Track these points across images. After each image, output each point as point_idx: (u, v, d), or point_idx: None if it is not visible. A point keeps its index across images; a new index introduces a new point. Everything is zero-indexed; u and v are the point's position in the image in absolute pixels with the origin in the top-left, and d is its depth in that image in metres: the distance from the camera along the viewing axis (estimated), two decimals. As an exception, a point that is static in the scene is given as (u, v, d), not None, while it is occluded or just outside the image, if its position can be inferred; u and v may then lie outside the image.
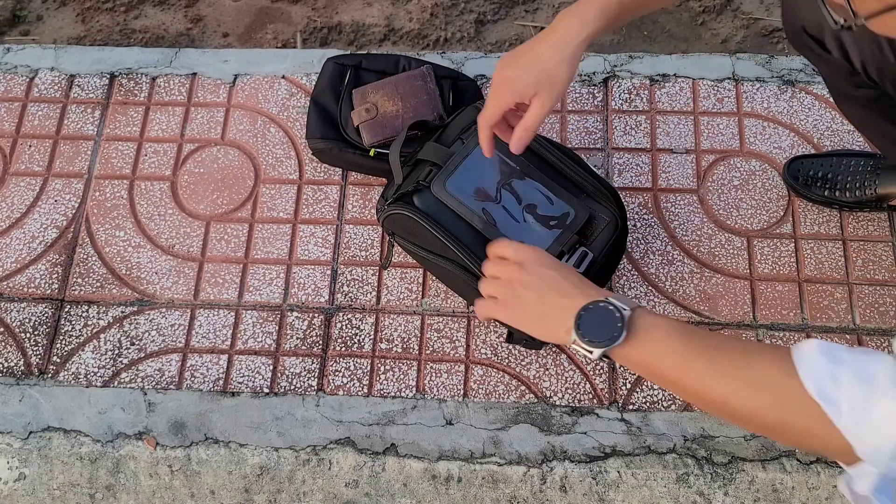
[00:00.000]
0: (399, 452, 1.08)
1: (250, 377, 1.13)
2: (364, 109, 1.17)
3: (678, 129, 1.27)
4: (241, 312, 1.17)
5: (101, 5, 1.55)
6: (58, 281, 1.20)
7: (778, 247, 1.18)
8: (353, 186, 1.25)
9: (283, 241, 1.21)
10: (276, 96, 1.32)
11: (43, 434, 1.11)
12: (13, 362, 1.15)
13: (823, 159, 1.17)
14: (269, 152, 1.28)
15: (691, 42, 1.48)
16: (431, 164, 1.00)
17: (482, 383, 1.11)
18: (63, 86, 1.35)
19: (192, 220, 1.24)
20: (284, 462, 1.08)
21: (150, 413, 1.11)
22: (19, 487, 1.08)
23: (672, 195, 1.22)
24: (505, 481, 1.06)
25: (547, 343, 1.07)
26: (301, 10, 1.53)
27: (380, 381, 1.12)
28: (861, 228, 1.18)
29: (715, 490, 1.04)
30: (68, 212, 1.25)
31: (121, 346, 1.15)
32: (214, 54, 1.37)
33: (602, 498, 1.05)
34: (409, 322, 1.15)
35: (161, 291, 1.19)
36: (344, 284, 1.18)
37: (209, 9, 1.55)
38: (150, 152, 1.29)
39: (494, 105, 0.83)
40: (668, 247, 1.19)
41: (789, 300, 1.14)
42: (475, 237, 0.97)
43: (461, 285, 1.03)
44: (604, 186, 1.01)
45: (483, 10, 1.52)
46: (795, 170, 1.18)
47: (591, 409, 1.09)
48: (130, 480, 1.08)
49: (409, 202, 0.98)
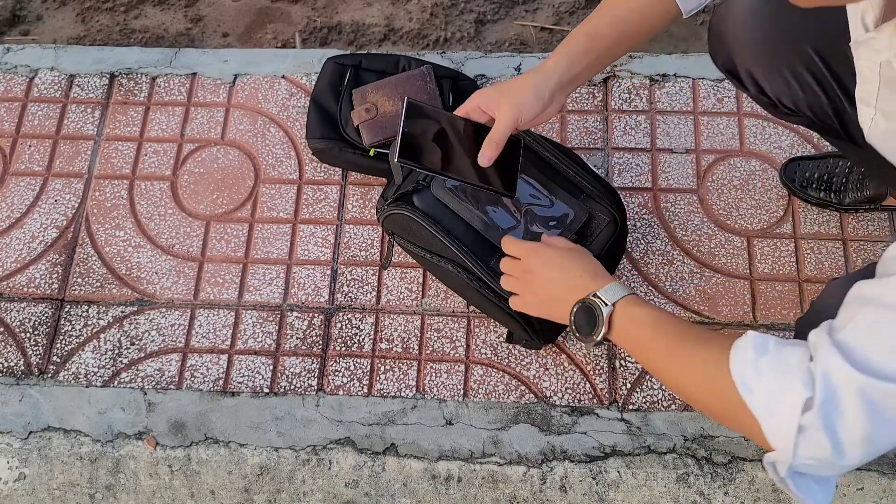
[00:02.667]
0: (399, 452, 1.08)
1: (250, 377, 1.13)
2: (364, 109, 1.17)
3: (678, 129, 1.27)
4: (241, 312, 1.17)
5: (101, 5, 1.55)
6: (58, 281, 1.20)
7: (778, 247, 1.18)
8: (353, 186, 1.25)
9: (283, 241, 1.21)
10: (276, 96, 1.32)
11: (43, 434, 1.11)
12: (13, 362, 1.15)
13: (819, 161, 1.17)
14: (269, 152, 1.28)
15: (691, 42, 1.48)
16: None
17: (482, 383, 1.11)
18: (63, 86, 1.35)
19: (192, 220, 1.24)
20: (284, 462, 1.08)
21: (150, 413, 1.11)
22: (19, 487, 1.08)
23: (672, 195, 1.22)
24: (505, 481, 1.06)
25: (546, 344, 1.08)
26: (301, 10, 1.53)
27: (380, 381, 1.12)
28: (861, 228, 1.18)
29: (715, 490, 1.04)
30: (68, 212, 1.25)
31: (121, 345, 1.15)
32: (214, 54, 1.37)
33: (602, 498, 1.05)
34: (409, 322, 1.15)
35: (161, 291, 1.19)
36: (344, 284, 1.18)
37: (209, 9, 1.55)
38: (150, 152, 1.29)
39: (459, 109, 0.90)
40: (668, 247, 1.19)
41: (789, 300, 1.14)
42: (475, 237, 0.97)
43: (461, 285, 1.03)
44: (603, 186, 1.01)
45: (483, 10, 1.52)
46: (792, 172, 1.18)
47: (591, 408, 1.09)
48: (130, 480, 1.08)
49: (408, 202, 0.98)
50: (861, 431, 0.55)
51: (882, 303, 0.55)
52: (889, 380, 0.53)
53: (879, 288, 0.57)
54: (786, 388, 0.57)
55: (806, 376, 0.56)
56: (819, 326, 0.60)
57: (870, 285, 0.58)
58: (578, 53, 0.87)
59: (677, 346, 0.71)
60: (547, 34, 1.50)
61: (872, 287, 0.58)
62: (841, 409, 0.54)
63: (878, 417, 0.54)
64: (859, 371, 0.53)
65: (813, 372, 0.56)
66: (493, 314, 1.06)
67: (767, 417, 0.58)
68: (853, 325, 0.56)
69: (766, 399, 0.58)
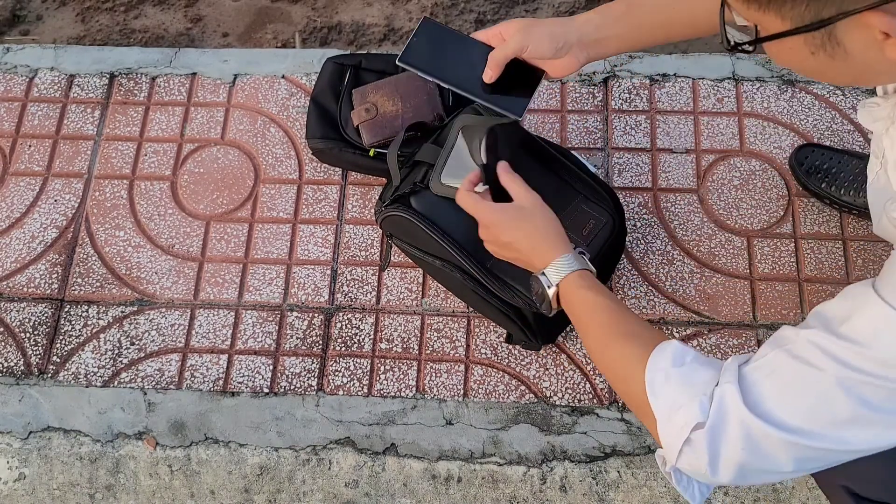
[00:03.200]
0: (399, 452, 1.08)
1: (250, 377, 1.13)
2: (364, 109, 1.17)
3: (678, 128, 1.27)
4: (241, 312, 1.17)
5: (101, 5, 1.55)
6: (58, 281, 1.20)
7: (778, 247, 1.18)
8: (353, 186, 1.25)
9: (283, 241, 1.21)
10: (276, 96, 1.32)
11: (43, 434, 1.11)
12: (13, 362, 1.15)
13: (832, 153, 1.18)
14: (269, 152, 1.28)
15: (691, 42, 1.48)
16: (428, 166, 0.99)
17: (482, 383, 1.11)
18: (63, 86, 1.35)
19: (192, 220, 1.24)
20: (284, 462, 1.08)
21: (150, 413, 1.11)
22: (19, 487, 1.08)
23: (672, 195, 1.22)
24: (505, 481, 1.06)
25: (545, 345, 1.08)
26: (301, 10, 1.53)
27: (380, 380, 1.12)
28: (861, 228, 1.18)
29: (715, 490, 1.04)
30: (68, 212, 1.25)
31: (121, 345, 1.15)
32: (214, 54, 1.37)
33: (602, 498, 1.05)
34: (409, 322, 1.15)
35: (161, 291, 1.19)
36: (344, 284, 1.18)
37: (209, 9, 1.55)
38: (150, 152, 1.29)
39: (480, 33, 0.89)
40: (668, 247, 1.18)
41: (789, 300, 1.14)
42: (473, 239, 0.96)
43: (458, 287, 1.03)
44: (601, 187, 1.01)
45: (483, 9, 1.52)
46: (803, 156, 1.19)
47: (591, 408, 1.09)
48: (130, 480, 1.08)
49: (406, 204, 0.98)
50: (736, 458, 0.60)
51: (790, 351, 0.60)
52: (770, 423, 0.58)
53: (794, 333, 0.61)
54: (683, 404, 0.62)
55: (704, 400, 0.61)
56: (738, 355, 0.65)
57: (791, 329, 0.62)
58: (611, 17, 0.84)
59: (606, 336, 0.74)
60: (547, 34, 1.50)
61: (789, 331, 0.62)
62: (725, 435, 0.60)
63: (753, 450, 0.59)
64: (748, 408, 0.59)
65: (713, 396, 0.61)
66: (492, 316, 1.07)
67: (664, 423, 0.64)
68: (761, 364, 0.61)
69: (667, 407, 0.64)
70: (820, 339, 0.58)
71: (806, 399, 0.58)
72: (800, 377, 0.58)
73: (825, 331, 0.58)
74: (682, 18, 0.84)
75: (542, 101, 1.29)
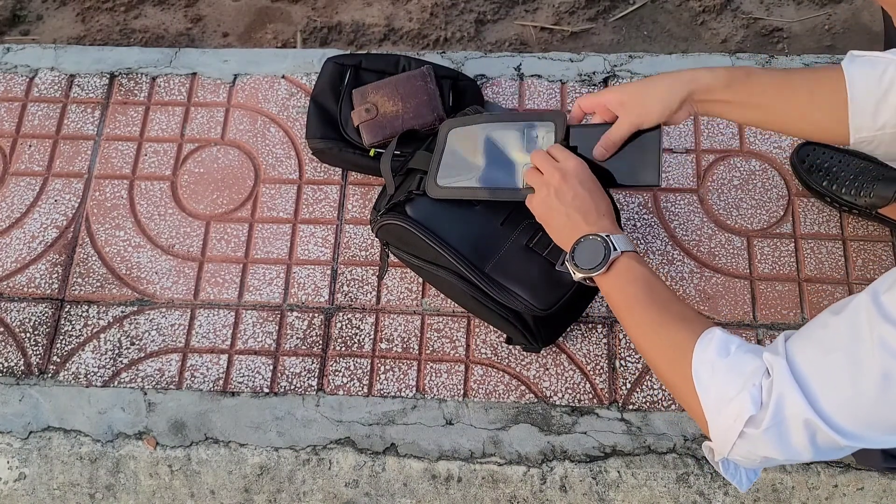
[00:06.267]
0: (399, 452, 1.08)
1: (250, 377, 1.13)
2: (364, 109, 1.17)
3: (678, 128, 1.27)
4: (241, 312, 1.17)
5: (101, 5, 1.55)
6: (58, 281, 1.20)
7: (778, 246, 1.18)
8: (353, 186, 1.25)
9: (283, 241, 1.21)
10: (276, 96, 1.32)
11: (43, 434, 1.11)
12: (13, 362, 1.15)
13: (833, 152, 1.18)
14: (269, 152, 1.28)
15: (691, 42, 1.48)
16: (422, 173, 0.99)
17: (482, 383, 1.11)
18: (63, 86, 1.35)
19: (192, 220, 1.24)
20: (284, 462, 1.08)
21: (150, 413, 1.11)
22: (19, 487, 1.09)
23: (672, 195, 1.22)
24: (505, 481, 1.06)
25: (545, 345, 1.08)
26: (301, 10, 1.53)
27: (380, 380, 1.12)
28: (861, 228, 1.18)
29: (715, 490, 1.04)
30: (68, 212, 1.25)
31: (121, 345, 1.15)
32: (214, 54, 1.37)
33: (602, 498, 1.05)
34: (409, 322, 1.15)
35: (161, 291, 1.19)
36: (344, 284, 1.18)
37: (209, 8, 1.55)
38: (150, 152, 1.29)
39: (592, 97, 0.89)
40: (668, 247, 1.19)
41: (789, 300, 1.14)
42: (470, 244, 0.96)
43: (457, 293, 1.03)
44: None
45: (483, 9, 1.52)
46: (805, 154, 1.19)
47: (591, 408, 1.09)
48: (130, 480, 1.08)
49: (401, 212, 0.98)
50: (796, 455, 0.61)
51: (848, 352, 0.59)
52: (837, 431, 0.58)
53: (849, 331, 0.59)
54: (734, 397, 0.62)
55: (755, 392, 0.61)
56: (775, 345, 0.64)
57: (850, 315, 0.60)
58: (725, 81, 0.81)
59: (659, 315, 0.73)
60: (547, 34, 1.50)
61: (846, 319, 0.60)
62: (789, 437, 0.60)
63: (816, 450, 0.61)
64: (812, 409, 0.59)
65: (765, 390, 0.61)
66: (491, 320, 1.06)
67: (714, 416, 0.64)
68: (818, 367, 0.60)
69: (716, 400, 0.64)
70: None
71: (866, 403, 0.58)
72: (857, 373, 0.58)
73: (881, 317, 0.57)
74: (800, 105, 0.81)
75: (542, 102, 1.29)
